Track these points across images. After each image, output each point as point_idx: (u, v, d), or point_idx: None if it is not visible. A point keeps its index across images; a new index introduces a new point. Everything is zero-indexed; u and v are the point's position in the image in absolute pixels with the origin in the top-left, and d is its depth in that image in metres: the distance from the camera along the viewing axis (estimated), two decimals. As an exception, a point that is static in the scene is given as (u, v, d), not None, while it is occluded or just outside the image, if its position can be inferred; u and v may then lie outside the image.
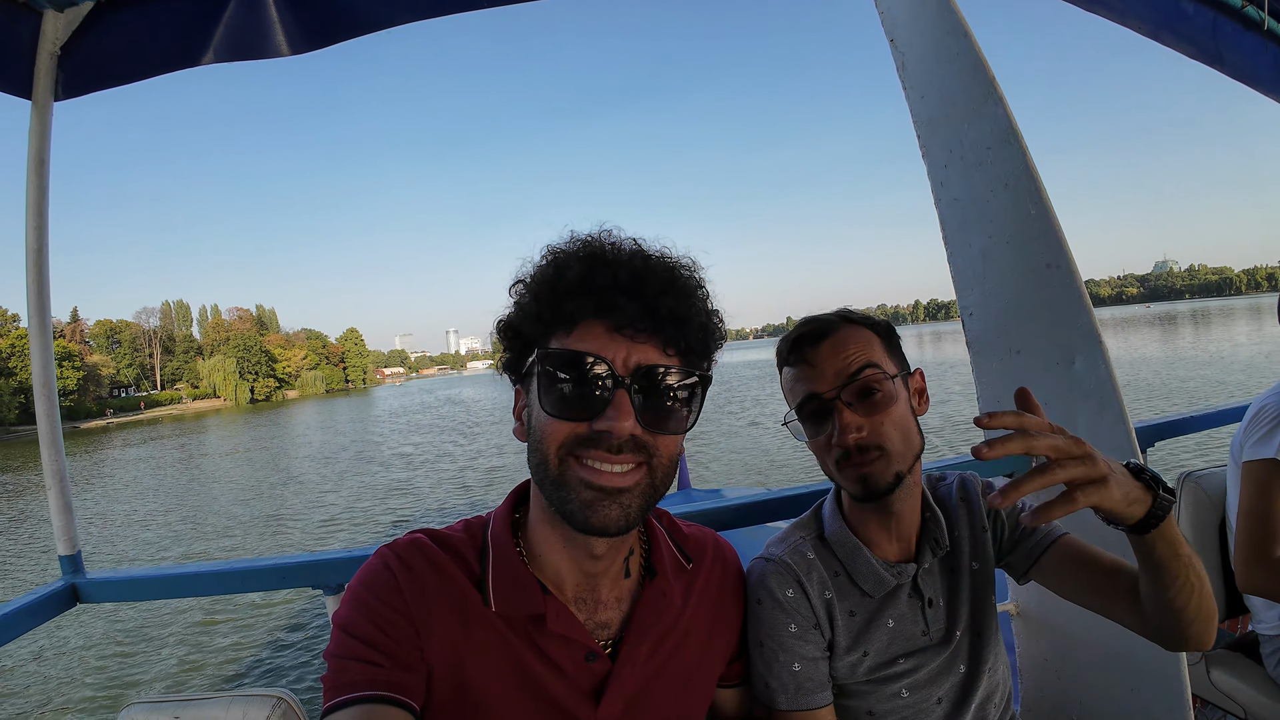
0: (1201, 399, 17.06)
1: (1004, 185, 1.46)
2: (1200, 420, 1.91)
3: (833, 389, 0.95)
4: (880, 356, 0.98)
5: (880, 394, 0.95)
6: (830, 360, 0.96)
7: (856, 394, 0.95)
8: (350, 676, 0.71)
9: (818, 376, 0.97)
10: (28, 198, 1.35)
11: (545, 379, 0.75)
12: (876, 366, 0.96)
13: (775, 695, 0.97)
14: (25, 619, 1.24)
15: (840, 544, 1.03)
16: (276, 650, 6.66)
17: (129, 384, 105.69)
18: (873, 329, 1.01)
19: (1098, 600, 0.97)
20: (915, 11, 1.58)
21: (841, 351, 0.97)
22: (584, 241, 0.80)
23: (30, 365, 1.36)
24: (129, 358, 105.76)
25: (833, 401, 0.95)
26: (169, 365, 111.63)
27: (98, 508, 18.70)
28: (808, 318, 1.04)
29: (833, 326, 1.00)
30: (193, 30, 1.43)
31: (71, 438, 56.22)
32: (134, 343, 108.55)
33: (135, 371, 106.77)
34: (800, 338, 1.01)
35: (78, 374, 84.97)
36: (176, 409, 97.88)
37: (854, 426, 0.94)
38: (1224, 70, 2.09)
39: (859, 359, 0.96)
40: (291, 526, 13.72)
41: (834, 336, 0.98)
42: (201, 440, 42.88)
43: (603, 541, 0.79)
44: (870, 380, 0.95)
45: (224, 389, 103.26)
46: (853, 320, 1.01)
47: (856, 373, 0.95)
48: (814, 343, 0.99)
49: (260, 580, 1.36)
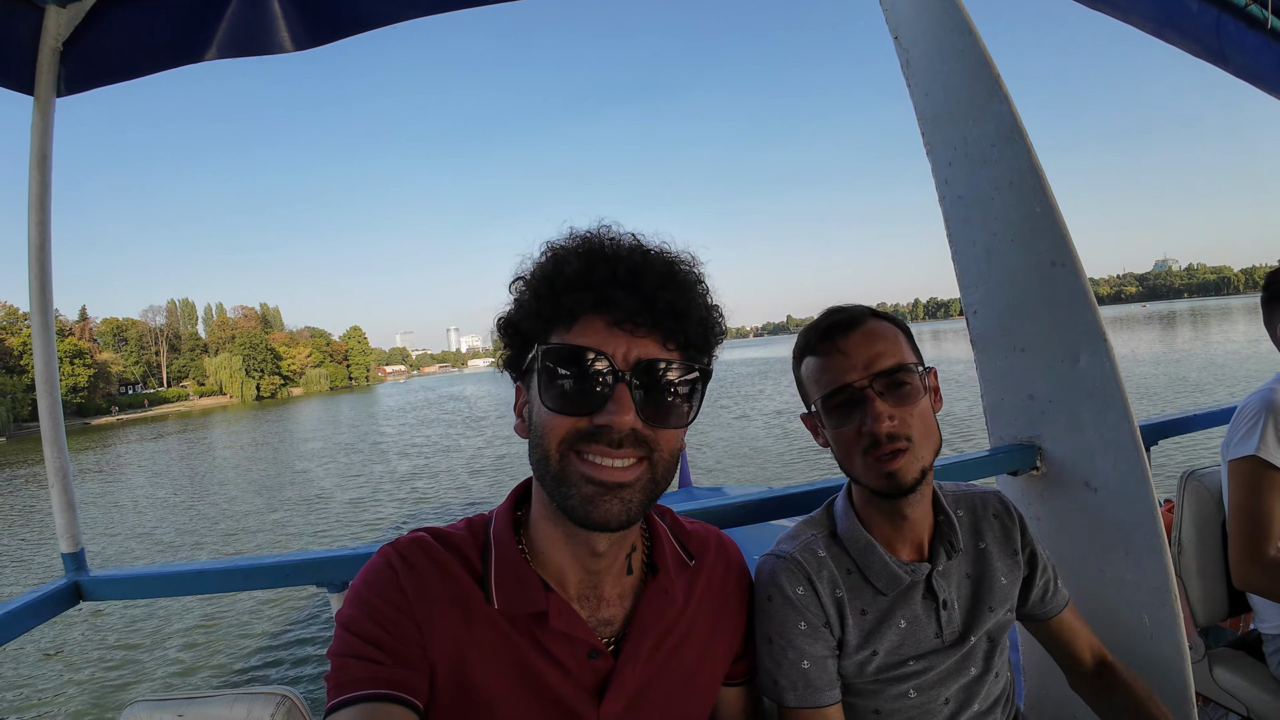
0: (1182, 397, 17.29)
1: (1008, 183, 1.45)
2: (1204, 418, 1.89)
3: (864, 378, 0.95)
4: (906, 350, 0.99)
5: (909, 386, 0.95)
6: (861, 351, 0.96)
7: (888, 384, 0.95)
8: (353, 675, 0.71)
9: (849, 366, 0.96)
10: (30, 194, 1.33)
11: (546, 374, 0.75)
12: (905, 360, 0.96)
13: (784, 693, 0.96)
14: (28, 617, 1.23)
15: (853, 541, 1.02)
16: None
17: (136, 381, 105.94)
18: (895, 324, 1.02)
19: (1070, 672, 1.14)
20: (919, 8, 1.56)
21: (872, 342, 0.96)
22: (583, 237, 0.79)
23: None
24: (135, 355, 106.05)
25: (864, 390, 0.94)
26: (175, 363, 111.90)
27: (136, 494, 19.78)
28: (834, 308, 1.03)
29: (862, 317, 0.99)
30: (196, 26, 1.42)
31: (84, 434, 57.30)
32: (140, 340, 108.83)
33: (141, 369, 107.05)
34: (832, 326, 0.99)
35: (89, 371, 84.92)
36: (184, 405, 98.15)
37: (887, 415, 0.93)
38: (1227, 68, 2.08)
39: (891, 354, 0.96)
40: (328, 503, 15.34)
41: (864, 327, 0.98)
42: (226, 433, 44.14)
43: (604, 538, 0.79)
44: (900, 372, 0.95)
45: (230, 386, 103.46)
46: (877, 315, 1.02)
47: (891, 368, 0.95)
48: (845, 331, 0.98)
49: (264, 578, 1.35)
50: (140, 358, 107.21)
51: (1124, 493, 1.31)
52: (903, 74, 1.63)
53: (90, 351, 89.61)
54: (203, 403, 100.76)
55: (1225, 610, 1.74)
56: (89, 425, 72.20)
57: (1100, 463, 1.36)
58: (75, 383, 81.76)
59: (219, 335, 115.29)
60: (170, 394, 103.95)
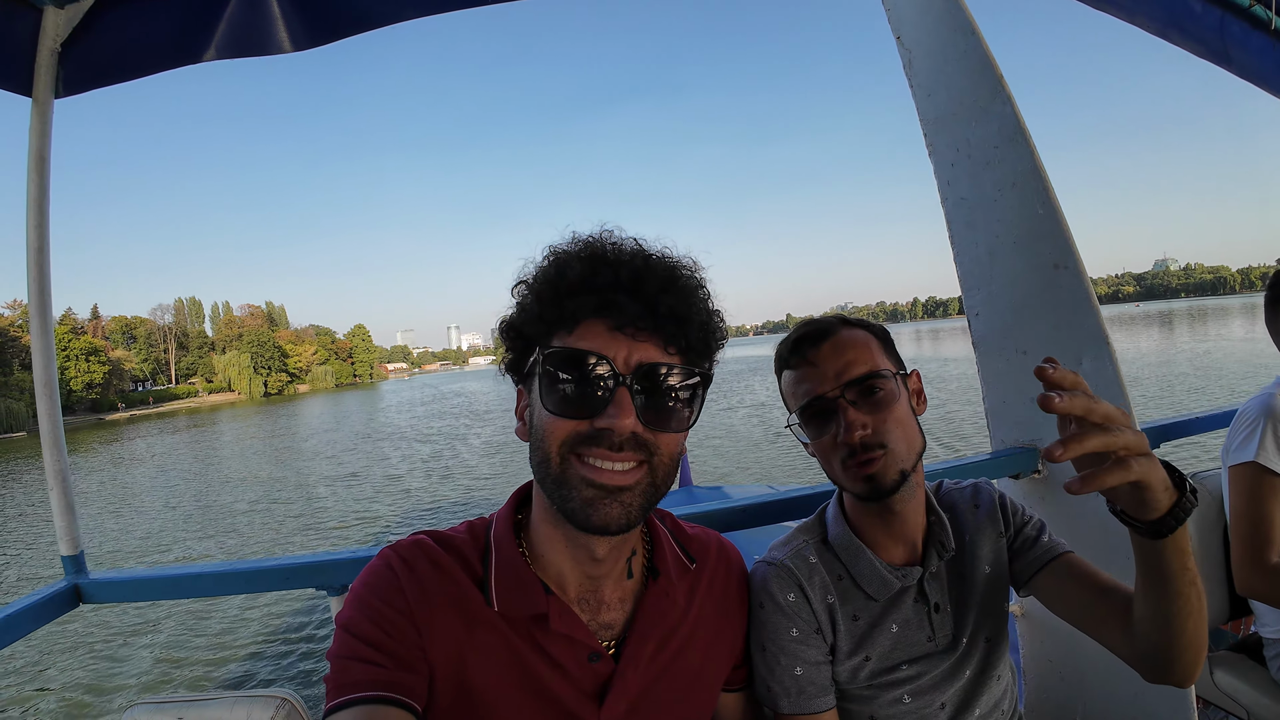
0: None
1: (1011, 184, 1.43)
2: (1207, 421, 1.87)
3: (835, 388, 0.95)
4: (879, 357, 0.98)
5: (882, 392, 0.95)
6: (831, 360, 0.96)
7: (859, 392, 0.95)
8: (353, 677, 0.70)
9: (820, 377, 0.97)
10: (28, 196, 1.32)
11: (547, 378, 0.74)
12: (876, 367, 0.96)
13: (778, 699, 0.96)
14: (28, 620, 1.22)
15: (844, 547, 1.02)
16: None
17: (145, 378, 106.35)
18: (869, 331, 1.01)
19: (1089, 622, 0.94)
20: (922, 9, 1.54)
21: (842, 352, 0.96)
22: (585, 242, 0.79)
23: (65, 361, 1.33)
24: (144, 353, 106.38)
25: (836, 400, 0.94)
26: (183, 360, 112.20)
27: (189, 483, 21.03)
28: (806, 321, 1.04)
29: (832, 328, 1.00)
30: (194, 26, 1.40)
31: (99, 429, 58.62)
32: (149, 338, 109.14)
33: (150, 366, 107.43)
34: (800, 339, 1.00)
35: (104, 368, 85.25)
36: (194, 402, 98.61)
37: (859, 424, 0.93)
38: (1231, 69, 2.06)
39: (860, 359, 0.96)
40: (362, 480, 17.41)
41: (834, 338, 0.98)
42: (252, 426, 45.66)
43: (604, 542, 0.78)
44: (872, 379, 0.94)
45: (239, 383, 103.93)
46: (849, 323, 1.02)
47: (861, 376, 0.94)
48: (815, 343, 0.99)
49: (264, 581, 1.34)
50: (149, 355, 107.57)
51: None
52: (905, 74, 1.60)
53: (104, 349, 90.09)
54: (211, 399, 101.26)
55: (1226, 614, 1.73)
56: (103, 420, 72.62)
57: (1103, 466, 1.34)
58: (91, 379, 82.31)
59: (226, 333, 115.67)
60: (180, 390, 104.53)
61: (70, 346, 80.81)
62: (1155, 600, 0.79)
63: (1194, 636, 0.79)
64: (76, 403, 79.47)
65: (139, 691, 6.07)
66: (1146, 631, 0.82)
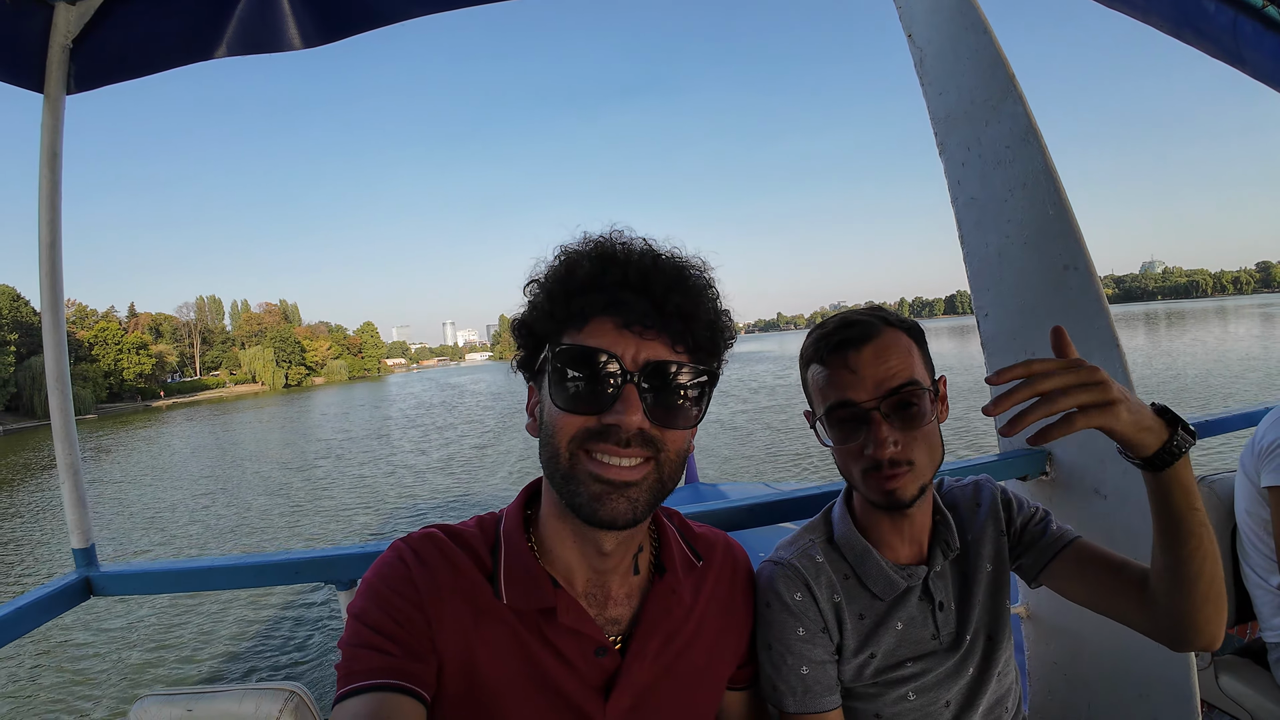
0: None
1: (1022, 185, 1.38)
2: (1217, 424, 1.81)
3: (872, 399, 0.88)
4: (918, 366, 0.91)
5: (916, 408, 0.88)
6: (872, 368, 0.88)
7: (895, 405, 0.88)
8: (363, 665, 0.70)
9: (857, 384, 0.89)
10: (40, 192, 1.29)
11: (557, 374, 0.74)
12: (915, 377, 0.89)
13: (784, 698, 0.93)
14: (39, 612, 1.19)
15: (850, 547, 0.99)
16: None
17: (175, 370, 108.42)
18: (909, 335, 0.93)
19: (1107, 599, 0.92)
20: (934, 6, 1.48)
21: (884, 360, 0.88)
22: (596, 241, 0.78)
23: (119, 354, 1.30)
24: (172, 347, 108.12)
25: (870, 412, 0.87)
26: (208, 354, 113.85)
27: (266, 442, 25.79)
28: (847, 317, 0.94)
29: (875, 330, 0.90)
30: (205, 23, 1.36)
31: (145, 414, 64.15)
32: (175, 334, 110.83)
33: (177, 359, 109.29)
34: (843, 341, 0.90)
35: (151, 361, 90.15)
36: (222, 392, 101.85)
37: (890, 441, 0.87)
38: (1244, 70, 1.99)
39: (902, 372, 0.88)
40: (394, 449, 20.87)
41: (876, 341, 0.90)
42: (295, 411, 49.68)
43: (611, 538, 0.78)
44: (909, 392, 0.88)
45: (264, 375, 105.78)
46: (891, 323, 0.93)
47: (899, 387, 0.87)
48: (857, 346, 0.89)
49: (274, 575, 1.32)
50: (176, 349, 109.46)
51: (1134, 499, 1.25)
52: (916, 73, 1.54)
53: (148, 343, 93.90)
54: (237, 390, 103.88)
55: (1231, 618, 1.68)
56: (149, 406, 77.85)
57: (1110, 469, 1.30)
58: (141, 370, 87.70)
59: (245, 329, 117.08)
60: (209, 381, 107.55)
61: (124, 341, 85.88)
62: (1172, 547, 0.79)
63: (1210, 588, 0.79)
64: (127, 391, 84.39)
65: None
66: (1167, 591, 0.82)
